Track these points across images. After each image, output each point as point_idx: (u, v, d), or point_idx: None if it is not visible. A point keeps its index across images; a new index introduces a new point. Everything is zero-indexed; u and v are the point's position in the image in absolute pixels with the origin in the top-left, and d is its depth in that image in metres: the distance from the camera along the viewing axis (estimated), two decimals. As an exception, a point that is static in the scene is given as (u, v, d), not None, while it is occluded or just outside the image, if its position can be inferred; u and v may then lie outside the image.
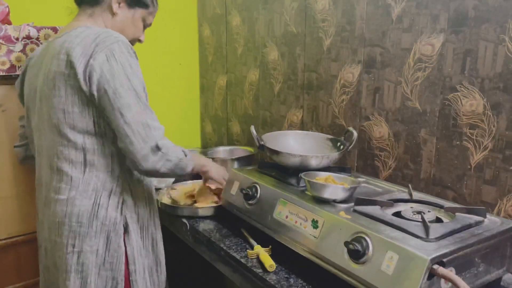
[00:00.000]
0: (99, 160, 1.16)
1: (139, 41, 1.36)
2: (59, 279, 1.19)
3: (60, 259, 1.17)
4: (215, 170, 1.44)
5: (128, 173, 1.22)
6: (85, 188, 1.15)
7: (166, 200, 1.61)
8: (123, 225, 1.20)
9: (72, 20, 1.27)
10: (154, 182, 1.77)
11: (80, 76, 1.09)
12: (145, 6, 1.30)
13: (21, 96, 1.35)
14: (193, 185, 1.73)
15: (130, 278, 1.21)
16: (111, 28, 1.24)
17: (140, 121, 1.11)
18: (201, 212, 1.51)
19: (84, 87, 1.10)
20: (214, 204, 1.53)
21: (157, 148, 1.13)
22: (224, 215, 1.48)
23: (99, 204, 1.16)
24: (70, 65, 1.10)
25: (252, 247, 1.25)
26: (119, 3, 1.25)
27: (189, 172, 1.26)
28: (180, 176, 1.32)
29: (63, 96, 1.12)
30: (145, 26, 1.35)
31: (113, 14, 1.25)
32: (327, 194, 1.13)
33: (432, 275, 0.85)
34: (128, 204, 1.21)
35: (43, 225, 1.23)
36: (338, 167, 1.42)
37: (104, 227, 1.17)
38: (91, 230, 1.15)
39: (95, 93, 1.10)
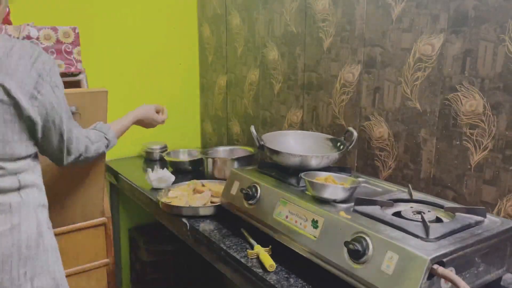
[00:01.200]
0: (30, 179, 1.09)
1: None
2: None
3: None
4: (147, 122, 1.60)
5: (42, 182, 1.15)
6: (27, 211, 1.06)
7: (166, 199, 1.61)
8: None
9: None
10: (154, 182, 1.79)
11: (25, 106, 1.00)
12: None
13: None
14: (188, 185, 1.73)
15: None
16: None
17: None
18: (201, 212, 1.51)
19: (33, 117, 1.02)
20: (211, 204, 1.54)
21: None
22: (224, 215, 1.48)
23: (40, 222, 1.09)
24: (9, 95, 0.98)
25: (252, 247, 1.25)
26: None
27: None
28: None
29: (2, 126, 1.00)
30: None
31: None
32: (327, 194, 1.13)
33: (432, 275, 0.85)
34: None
35: None
36: (338, 167, 1.42)
37: (48, 243, 1.11)
38: (40, 251, 1.07)
39: (40, 122, 1.05)
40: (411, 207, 1.11)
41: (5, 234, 1.02)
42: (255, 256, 1.21)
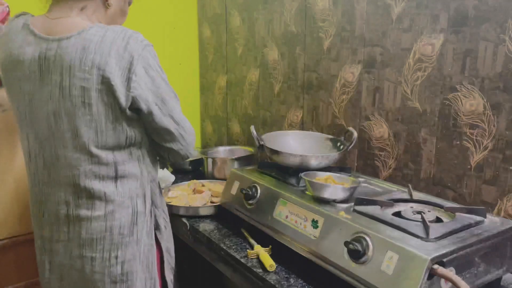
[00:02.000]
0: (129, 169, 1.12)
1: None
2: None
3: (99, 274, 1.12)
4: None
5: (147, 172, 1.18)
6: (121, 200, 1.10)
7: (166, 199, 1.61)
8: (154, 224, 1.20)
9: (58, 16, 1.09)
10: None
11: (120, 92, 1.00)
12: None
13: None
14: (188, 185, 1.73)
15: (169, 265, 1.26)
16: (104, 23, 1.14)
17: (182, 118, 1.17)
18: (201, 212, 1.51)
19: (123, 104, 1.02)
20: (211, 204, 1.54)
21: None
22: (224, 215, 1.48)
23: (137, 212, 1.13)
24: (106, 80, 0.99)
25: (252, 247, 1.25)
26: None
27: None
28: None
29: (95, 114, 1.02)
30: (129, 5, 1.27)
31: (108, 6, 1.14)
32: (327, 194, 1.13)
33: (432, 275, 0.85)
34: (156, 203, 1.20)
35: (62, 244, 1.13)
36: (338, 167, 1.42)
37: (143, 233, 1.15)
38: (133, 239, 1.12)
39: (141, 107, 1.05)
40: (411, 207, 1.11)
41: (100, 218, 1.09)
42: (255, 256, 1.21)
